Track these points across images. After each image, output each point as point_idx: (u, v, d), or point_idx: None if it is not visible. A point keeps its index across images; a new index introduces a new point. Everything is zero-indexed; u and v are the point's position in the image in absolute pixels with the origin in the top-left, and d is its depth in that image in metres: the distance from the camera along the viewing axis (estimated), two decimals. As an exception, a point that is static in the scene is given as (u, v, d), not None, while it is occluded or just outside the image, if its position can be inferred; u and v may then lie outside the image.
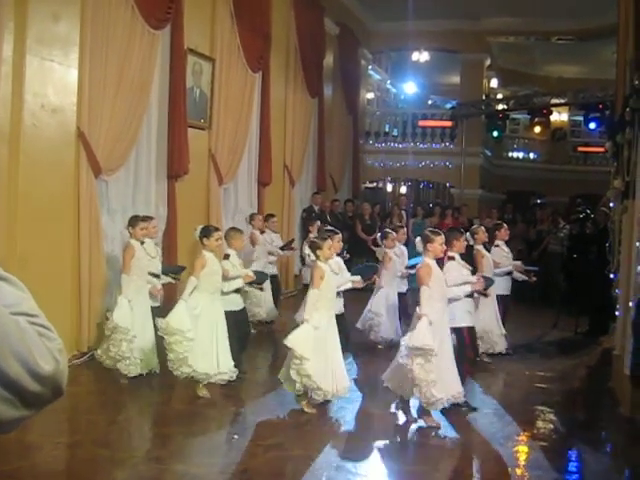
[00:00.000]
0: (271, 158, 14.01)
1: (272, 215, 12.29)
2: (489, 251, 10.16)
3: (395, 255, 10.58)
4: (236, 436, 6.57)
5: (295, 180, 15.47)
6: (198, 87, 11.63)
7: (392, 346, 9.67)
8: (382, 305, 10.29)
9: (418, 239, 7.27)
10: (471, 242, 9.63)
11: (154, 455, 5.98)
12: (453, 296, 7.29)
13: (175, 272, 9.08)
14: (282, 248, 11.87)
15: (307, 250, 7.59)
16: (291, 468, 5.94)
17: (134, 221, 8.47)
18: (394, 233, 10.59)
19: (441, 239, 7.10)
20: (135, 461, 5.77)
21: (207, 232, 7.79)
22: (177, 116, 10.75)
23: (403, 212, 16.87)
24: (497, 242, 10.57)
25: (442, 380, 6.70)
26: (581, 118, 22.72)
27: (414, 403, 7.10)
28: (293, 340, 6.86)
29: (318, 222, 12.14)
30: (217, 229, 8.09)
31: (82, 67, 8.78)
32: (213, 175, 12.04)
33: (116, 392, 7.94)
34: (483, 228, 10.27)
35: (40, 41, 8.16)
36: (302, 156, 15.88)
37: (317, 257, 7.33)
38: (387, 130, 22.37)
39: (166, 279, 8.85)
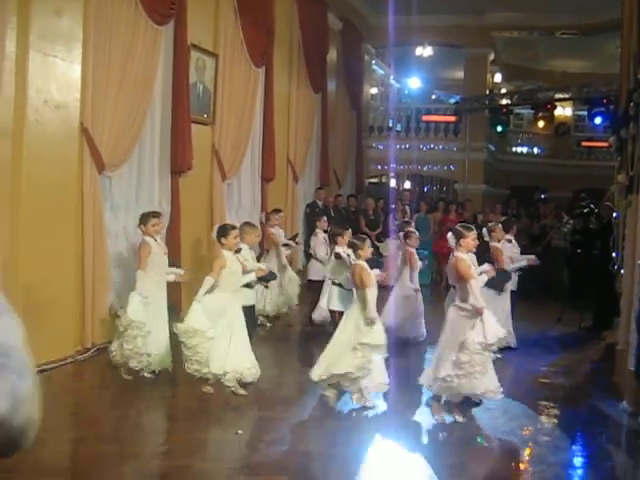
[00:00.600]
0: (274, 153, 14.01)
1: (278, 210, 12.26)
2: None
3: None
4: (240, 431, 6.58)
5: (298, 175, 15.47)
6: (201, 82, 11.63)
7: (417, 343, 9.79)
8: (414, 304, 10.28)
9: (450, 234, 7.30)
10: (486, 238, 9.66)
11: (159, 450, 6.00)
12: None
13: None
14: (285, 244, 11.86)
15: (348, 250, 7.74)
16: (294, 463, 5.95)
17: (146, 218, 8.39)
18: (417, 232, 10.52)
19: (474, 234, 7.22)
20: (140, 456, 5.78)
21: (225, 231, 7.74)
22: (180, 112, 10.75)
23: (407, 207, 16.83)
24: (508, 237, 10.59)
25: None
26: (585, 113, 22.65)
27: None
28: None
29: (324, 217, 12.08)
30: (234, 227, 8.04)
31: (85, 63, 8.78)
32: (216, 171, 12.04)
33: (120, 388, 7.95)
34: (500, 225, 10.30)
35: (43, 37, 8.16)
36: (305, 151, 15.88)
37: (358, 257, 7.46)
38: (391, 125, 22.34)
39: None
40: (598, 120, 20.04)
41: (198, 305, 7.22)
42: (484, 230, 9.66)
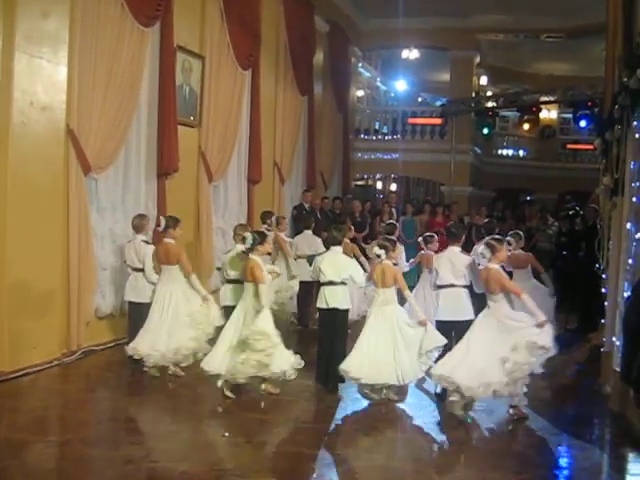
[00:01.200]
0: (261, 156, 13.99)
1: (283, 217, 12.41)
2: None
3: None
4: (227, 433, 6.57)
5: (285, 178, 15.46)
6: (188, 85, 11.61)
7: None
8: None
9: (482, 248, 7.48)
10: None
11: (145, 453, 5.96)
12: None
13: None
14: None
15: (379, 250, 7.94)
16: (282, 465, 5.94)
17: (175, 222, 8.60)
18: (435, 236, 10.51)
19: (506, 245, 7.72)
20: (125, 460, 5.75)
21: (263, 238, 7.89)
22: (167, 114, 10.74)
23: (393, 210, 16.85)
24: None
25: None
26: (570, 115, 22.77)
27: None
28: None
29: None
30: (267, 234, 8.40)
31: (71, 64, 8.77)
32: (203, 173, 12.02)
33: (106, 390, 7.93)
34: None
35: (29, 38, 8.13)
36: (292, 154, 15.87)
37: (389, 257, 7.92)
38: (377, 128, 22.37)
39: None
40: (583, 123, 20.16)
41: (268, 311, 7.44)
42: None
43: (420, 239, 10.65)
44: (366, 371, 7.48)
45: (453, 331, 7.80)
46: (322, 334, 8.33)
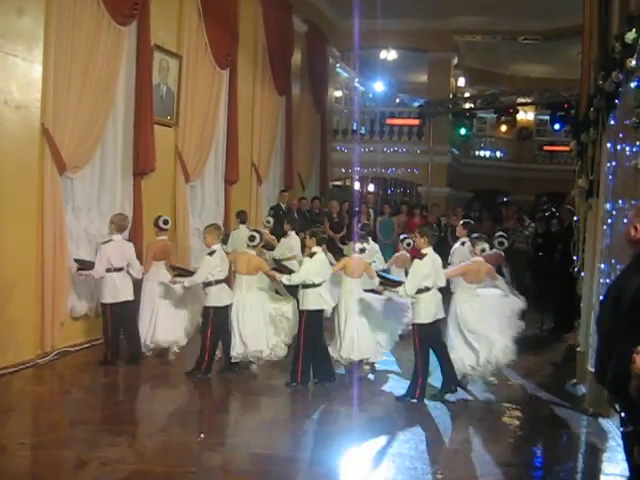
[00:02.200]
0: (238, 156, 13.95)
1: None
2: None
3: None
4: (202, 435, 6.54)
5: (262, 178, 15.43)
6: (165, 84, 11.55)
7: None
8: None
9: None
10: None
11: (120, 455, 5.92)
12: None
13: None
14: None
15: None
16: (257, 467, 5.92)
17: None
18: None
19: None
20: (99, 462, 5.71)
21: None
22: (143, 113, 10.67)
23: (371, 210, 16.88)
24: (463, 239, 10.71)
25: None
26: (547, 117, 22.93)
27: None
28: None
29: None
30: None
31: (47, 63, 8.68)
32: (180, 172, 11.97)
33: (80, 391, 7.87)
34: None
35: (3, 36, 8.05)
36: (269, 154, 15.84)
37: None
38: (355, 128, 22.38)
39: None
40: (557, 126, 20.32)
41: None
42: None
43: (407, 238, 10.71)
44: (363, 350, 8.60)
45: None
46: (310, 335, 8.30)
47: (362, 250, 9.09)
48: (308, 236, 8.56)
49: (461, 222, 11.41)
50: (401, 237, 11.22)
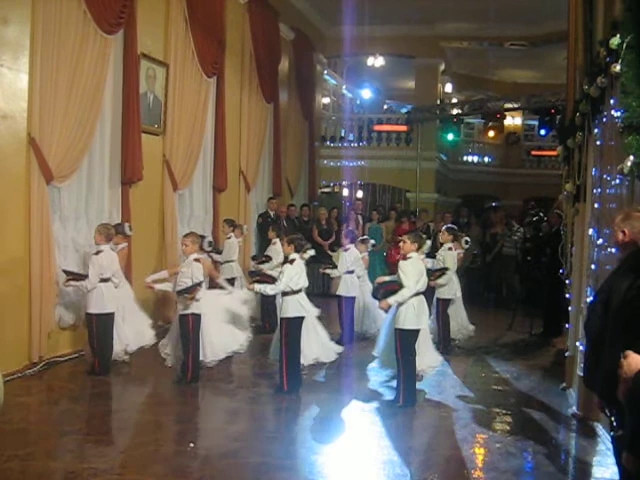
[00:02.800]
0: (226, 163, 13.94)
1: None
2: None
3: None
4: (191, 444, 6.51)
5: (251, 185, 15.42)
6: (152, 92, 11.54)
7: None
8: None
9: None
10: None
11: (108, 466, 5.88)
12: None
13: None
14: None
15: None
16: (247, 476, 5.90)
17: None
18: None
19: None
20: (89, 472, 5.67)
21: None
22: (131, 121, 10.66)
23: (359, 217, 16.90)
24: (448, 245, 10.94)
25: None
26: (534, 122, 23.02)
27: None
28: None
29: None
30: None
31: (33, 72, 8.66)
32: (167, 181, 11.95)
33: (68, 402, 7.82)
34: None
35: (-12, 45, 8.02)
36: (257, 161, 15.83)
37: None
38: (343, 135, 22.40)
39: None
40: (543, 132, 20.45)
41: None
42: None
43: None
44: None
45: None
46: (291, 342, 8.28)
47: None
48: (286, 243, 8.53)
49: (444, 227, 11.50)
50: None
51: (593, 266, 7.28)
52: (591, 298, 7.28)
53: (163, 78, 11.71)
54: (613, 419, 4.06)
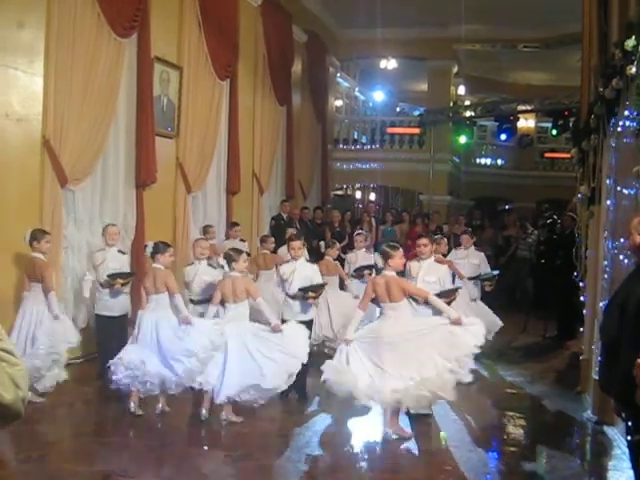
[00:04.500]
0: (239, 166, 13.95)
1: (236, 224, 12.41)
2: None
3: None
4: (205, 447, 6.52)
5: (264, 188, 15.42)
6: (165, 95, 11.57)
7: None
8: None
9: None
10: None
11: (122, 468, 5.90)
12: None
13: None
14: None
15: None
16: (260, 478, 5.90)
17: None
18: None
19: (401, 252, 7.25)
20: (102, 474, 5.69)
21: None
22: (144, 125, 10.69)
23: (372, 219, 16.88)
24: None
25: None
26: (548, 125, 22.93)
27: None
28: None
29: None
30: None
31: (47, 75, 8.71)
32: (181, 184, 11.97)
33: (82, 404, 7.84)
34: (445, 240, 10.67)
35: (4, 49, 8.08)
36: (271, 164, 15.84)
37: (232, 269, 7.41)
38: (356, 137, 22.40)
39: None
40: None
41: None
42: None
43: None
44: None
45: None
46: None
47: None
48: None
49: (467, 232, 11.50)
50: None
51: (608, 269, 7.25)
52: (606, 301, 7.26)
53: (177, 81, 11.74)
54: (630, 423, 4.04)
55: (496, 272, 10.50)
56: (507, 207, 25.24)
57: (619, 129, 6.98)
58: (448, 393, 6.61)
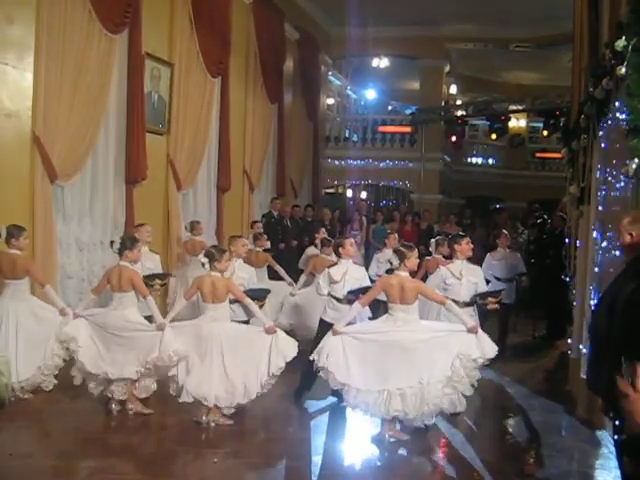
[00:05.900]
0: (230, 163, 13.94)
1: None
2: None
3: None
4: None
5: (255, 185, 15.42)
6: (156, 92, 11.54)
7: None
8: None
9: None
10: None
11: (110, 465, 5.87)
12: None
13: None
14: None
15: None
16: (249, 476, 5.90)
17: (19, 231, 7.60)
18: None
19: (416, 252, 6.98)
20: (90, 471, 5.67)
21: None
22: (135, 121, 10.66)
23: (363, 218, 16.86)
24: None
25: None
26: (539, 124, 22.97)
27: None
28: None
29: (323, 229, 11.76)
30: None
31: (37, 71, 8.68)
32: (172, 181, 11.95)
33: (70, 400, 7.79)
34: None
35: (-7, 44, 8.03)
36: (262, 161, 15.83)
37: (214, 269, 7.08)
38: (347, 136, 22.39)
39: None
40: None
41: None
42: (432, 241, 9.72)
43: (432, 241, 10.05)
44: None
45: None
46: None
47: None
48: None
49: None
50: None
51: (596, 268, 7.28)
52: (595, 301, 7.28)
53: (168, 78, 11.72)
54: (617, 423, 4.05)
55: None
56: (498, 206, 25.28)
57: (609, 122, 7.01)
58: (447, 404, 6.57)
